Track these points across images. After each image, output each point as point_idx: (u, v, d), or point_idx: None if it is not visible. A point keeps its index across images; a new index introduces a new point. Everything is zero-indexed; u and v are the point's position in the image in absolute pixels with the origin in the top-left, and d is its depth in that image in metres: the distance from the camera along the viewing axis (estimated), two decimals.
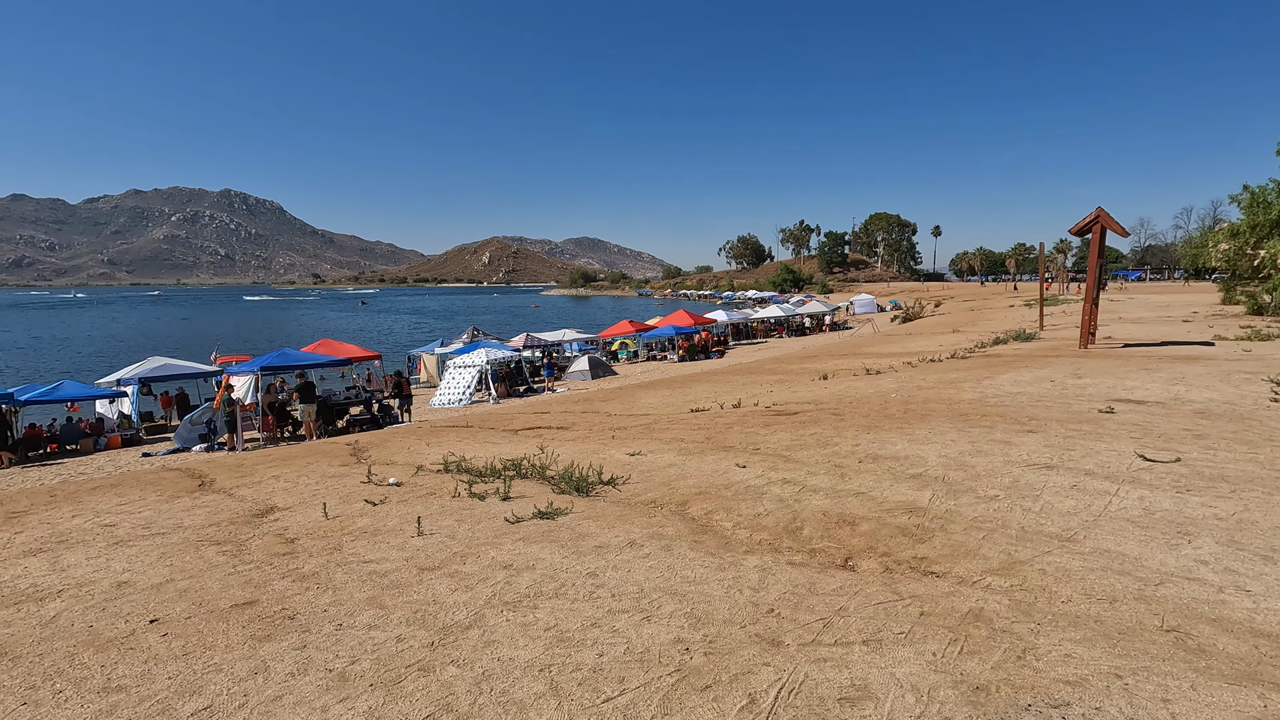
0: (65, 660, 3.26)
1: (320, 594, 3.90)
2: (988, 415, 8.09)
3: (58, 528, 5.97)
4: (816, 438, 7.52)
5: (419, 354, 31.99)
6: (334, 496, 6.41)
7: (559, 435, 9.60)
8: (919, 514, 4.66)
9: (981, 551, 3.95)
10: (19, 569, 4.78)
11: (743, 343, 41.85)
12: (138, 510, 6.47)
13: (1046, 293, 32.44)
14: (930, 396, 10.05)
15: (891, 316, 52.34)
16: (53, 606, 3.98)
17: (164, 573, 4.46)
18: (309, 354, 22.20)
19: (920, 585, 3.56)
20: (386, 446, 9.72)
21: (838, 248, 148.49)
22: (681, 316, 37.65)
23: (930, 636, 3.00)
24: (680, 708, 2.57)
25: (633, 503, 5.48)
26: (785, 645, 2.99)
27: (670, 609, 3.42)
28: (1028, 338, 20.46)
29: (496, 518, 5.21)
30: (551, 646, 3.10)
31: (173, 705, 2.80)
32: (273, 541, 5.04)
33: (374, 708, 2.68)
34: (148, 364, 22.24)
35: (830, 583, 3.66)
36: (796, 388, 13.57)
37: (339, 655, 3.13)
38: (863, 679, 2.68)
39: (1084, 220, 15.21)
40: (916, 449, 6.57)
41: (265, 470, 8.26)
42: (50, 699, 2.91)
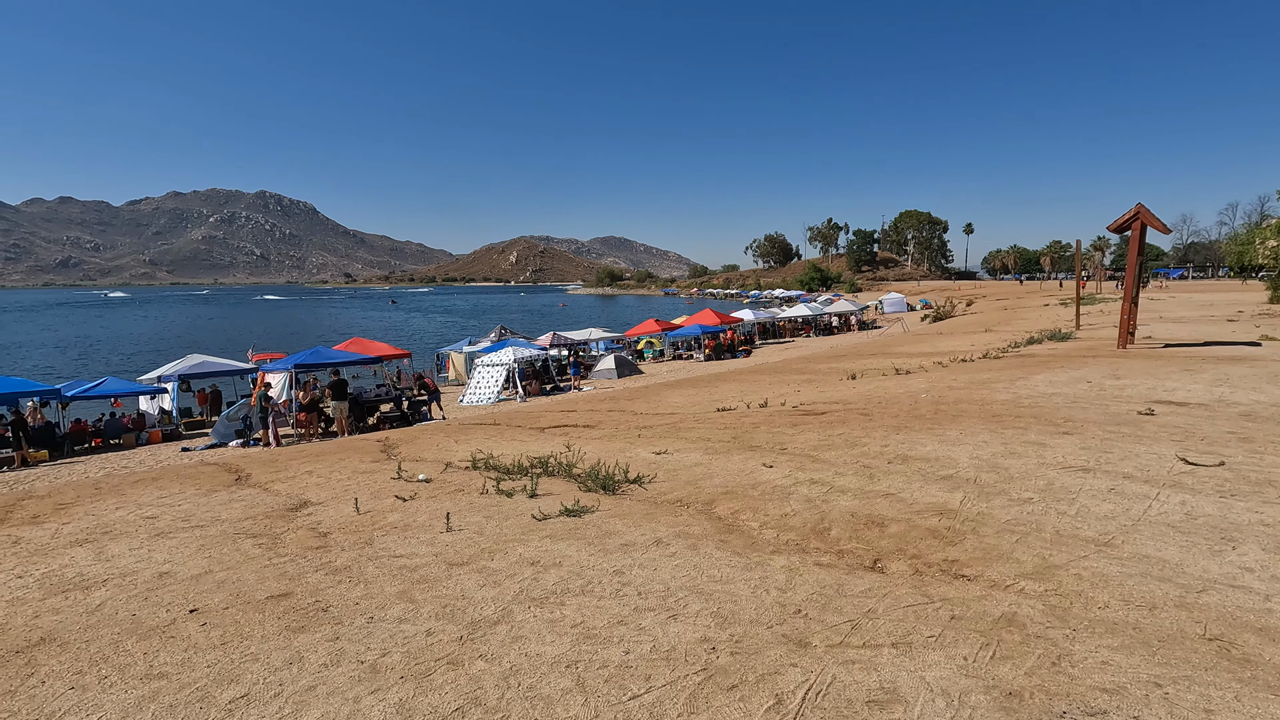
0: (110, 647, 3.37)
1: (352, 587, 3.97)
2: (1021, 416, 7.92)
3: (102, 519, 6.18)
4: (844, 438, 7.45)
5: (447, 352, 32.38)
6: (365, 492, 6.52)
7: (585, 434, 9.64)
8: (950, 516, 4.59)
9: (1015, 555, 3.87)
10: (67, 558, 4.96)
11: (769, 342, 41.59)
12: (177, 503, 6.66)
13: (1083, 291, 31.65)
14: (962, 397, 9.88)
15: (922, 316, 51.55)
16: (98, 595, 4.12)
17: (203, 564, 4.59)
18: (341, 352, 22.63)
19: (951, 588, 3.51)
20: (416, 443, 9.86)
21: (867, 246, 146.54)
22: (708, 315, 37.55)
23: (961, 640, 2.95)
24: (707, 707, 2.57)
25: (659, 501, 5.48)
26: (813, 646, 2.97)
27: (696, 608, 3.42)
28: (1063, 337, 19.98)
29: (524, 515, 5.25)
30: (578, 643, 3.12)
31: (212, 693, 2.88)
32: (306, 535, 5.15)
33: (404, 700, 2.73)
34: (187, 361, 22.88)
35: (858, 584, 3.62)
36: (824, 387, 13.45)
37: (370, 647, 3.19)
38: (892, 682, 2.65)
39: (1123, 217, 14.80)
40: (947, 450, 6.47)
41: (299, 466, 8.44)
42: (96, 684, 3.02)
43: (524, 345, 26.83)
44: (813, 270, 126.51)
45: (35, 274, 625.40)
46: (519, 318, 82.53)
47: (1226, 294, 43.66)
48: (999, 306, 51.22)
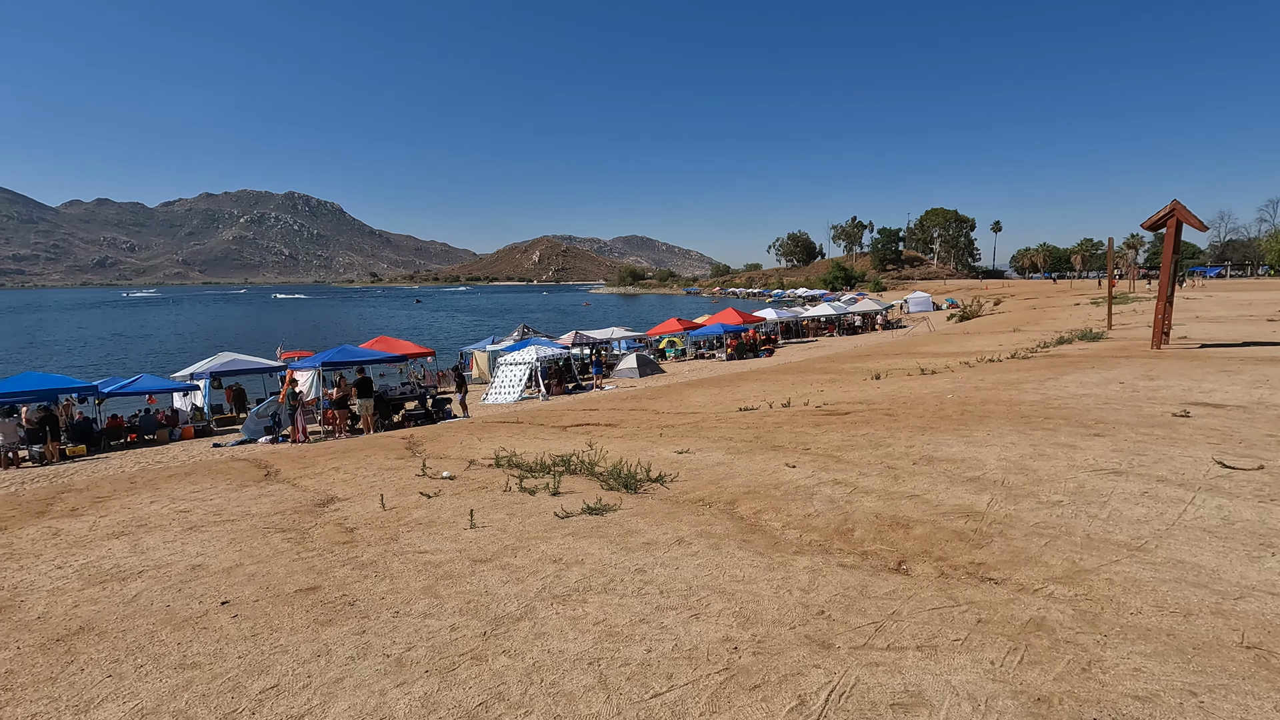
0: (146, 637, 3.46)
1: (378, 582, 4.03)
2: (1051, 418, 7.78)
3: (138, 512, 6.35)
4: (869, 438, 7.37)
5: (471, 351, 32.67)
6: (391, 488, 6.61)
7: (607, 432, 9.67)
8: (976, 518, 4.52)
9: (1043, 559, 3.81)
10: (104, 550, 5.10)
11: (792, 341, 41.31)
12: (209, 498, 6.81)
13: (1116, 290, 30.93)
14: (989, 397, 9.72)
15: (948, 315, 50.81)
16: (134, 586, 4.23)
17: (234, 557, 4.69)
18: (367, 350, 22.95)
19: (978, 591, 3.46)
20: (440, 441, 9.97)
21: (892, 244, 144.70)
22: (730, 315, 37.40)
23: (988, 644, 2.91)
24: (729, 706, 2.56)
25: (681, 501, 5.48)
26: (836, 648, 2.95)
27: (719, 607, 3.41)
28: (1095, 337, 19.56)
29: (546, 512, 5.29)
30: (600, 640, 3.13)
31: (243, 683, 2.94)
32: (333, 530, 5.24)
33: (429, 693, 2.76)
34: (218, 359, 23.38)
35: (883, 586, 3.58)
36: (848, 387, 13.32)
37: (396, 641, 3.24)
38: (916, 685, 2.62)
39: (1158, 214, 14.44)
40: (974, 451, 6.37)
41: (326, 462, 8.58)
42: (132, 672, 3.10)
43: (546, 344, 26.96)
44: (836, 269, 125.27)
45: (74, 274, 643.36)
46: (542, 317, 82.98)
47: (1266, 292, 42.35)
48: (1027, 306, 50.28)
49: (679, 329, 36.63)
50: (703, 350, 36.12)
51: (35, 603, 4.06)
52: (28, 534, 5.79)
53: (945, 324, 43.41)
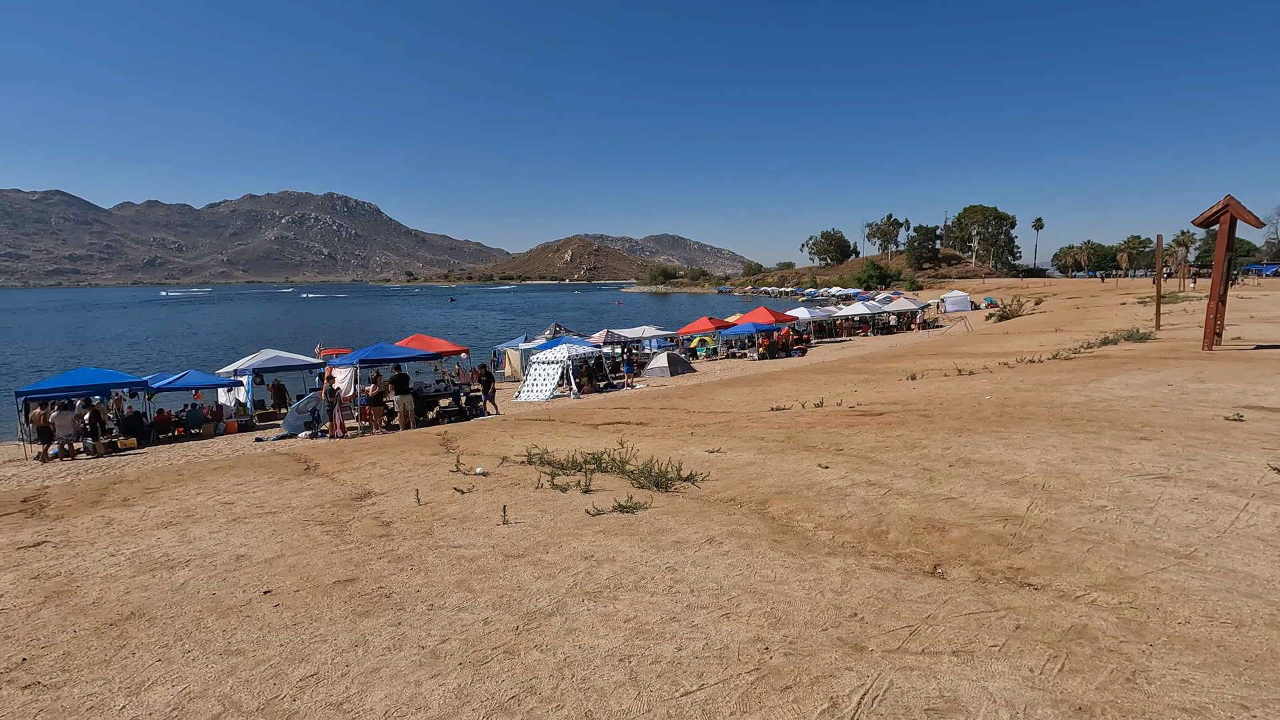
0: (193, 624, 3.59)
1: (413, 575, 4.11)
2: (1094, 420, 7.55)
3: (185, 504, 6.57)
4: (903, 439, 7.26)
5: (504, 349, 33.02)
6: (425, 484, 6.73)
7: (638, 431, 9.69)
8: (1015, 522, 4.42)
9: (1086, 565, 3.70)
10: (153, 539, 5.29)
11: (825, 341, 40.83)
12: (252, 490, 7.01)
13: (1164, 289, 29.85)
14: (1029, 399, 9.48)
15: (986, 314, 49.66)
16: (182, 575, 4.39)
17: (275, 548, 4.82)
18: (403, 348, 23.38)
19: (1016, 597, 3.38)
20: (473, 437, 10.10)
21: (928, 242, 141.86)
22: (762, 314, 37.13)
23: (1027, 651, 2.84)
24: (759, 706, 2.55)
25: (712, 500, 5.47)
26: (869, 651, 2.92)
27: (750, 607, 3.40)
28: (1142, 338, 18.93)
29: (578, 509, 5.32)
30: (631, 637, 3.14)
31: (284, 670, 3.03)
32: (370, 524, 5.36)
33: (463, 685, 2.81)
34: (260, 356, 24.05)
35: (918, 589, 3.53)
36: (882, 387, 13.12)
37: (430, 634, 3.30)
38: (952, 690, 2.58)
39: (1211, 210, 13.91)
40: (1013, 454, 6.22)
41: (363, 457, 8.77)
42: (180, 658, 3.21)
43: (578, 343, 27.11)
44: (871, 267, 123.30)
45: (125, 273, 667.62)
46: (573, 315, 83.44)
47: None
48: (1070, 305, 48.87)
49: (710, 328, 36.48)
50: (734, 349, 35.93)
51: (90, 588, 4.24)
52: (83, 522, 6.04)
53: (983, 324, 42.45)
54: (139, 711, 2.77)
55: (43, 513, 6.61)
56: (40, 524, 6.13)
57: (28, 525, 6.10)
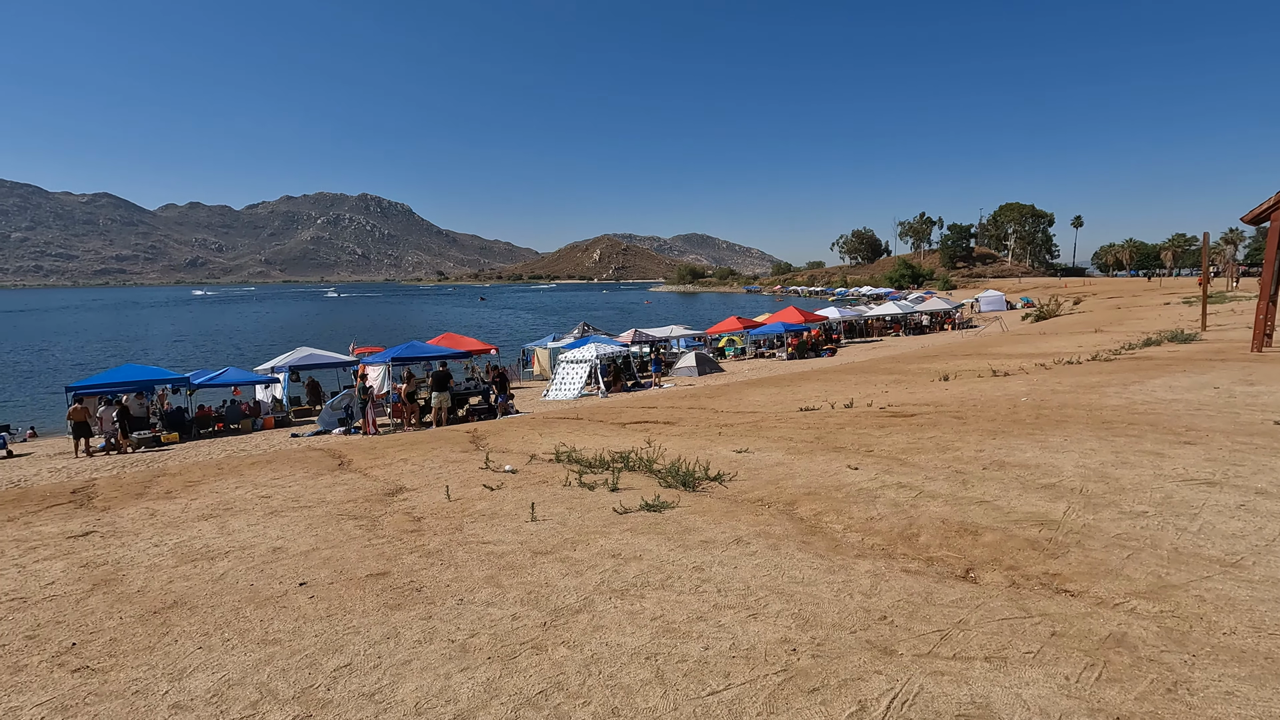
0: (232, 613, 3.70)
1: (443, 570, 4.17)
2: (1136, 423, 7.34)
3: (224, 497, 6.76)
4: (935, 441, 7.14)
5: (533, 348, 33.27)
6: (455, 480, 6.82)
7: (666, 430, 9.69)
8: (1051, 527, 4.32)
9: (1125, 572, 3.61)
10: (195, 531, 5.46)
11: (855, 341, 40.32)
12: (288, 485, 7.19)
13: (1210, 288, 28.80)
14: (1067, 401, 9.25)
15: (1023, 315, 48.53)
16: (221, 565, 4.52)
17: (310, 541, 4.94)
18: (434, 346, 23.71)
19: (1052, 603, 3.31)
20: (502, 435, 10.21)
21: (962, 241, 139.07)
22: (791, 313, 36.81)
23: (1063, 659, 2.78)
24: (786, 708, 2.54)
25: (739, 500, 5.45)
26: (899, 654, 2.88)
27: (777, 608, 3.38)
28: (1186, 339, 18.33)
29: (605, 507, 5.35)
30: (658, 636, 3.15)
31: (319, 660, 3.10)
32: (402, 519, 5.45)
33: (492, 679, 2.85)
34: (297, 353, 24.59)
35: (949, 593, 3.47)
36: (914, 388, 12.92)
37: (460, 628, 3.35)
38: (984, 697, 2.53)
39: (1262, 206, 13.40)
40: (1050, 457, 6.08)
41: (395, 454, 8.92)
42: (220, 645, 3.31)
43: (606, 342, 27.19)
44: (903, 266, 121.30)
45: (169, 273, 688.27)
46: (601, 315, 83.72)
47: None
48: (1111, 305, 47.51)
49: (739, 327, 36.27)
50: (763, 349, 35.68)
51: (135, 577, 4.39)
52: (128, 514, 6.26)
53: (1020, 324, 41.48)
54: (181, 697, 2.86)
55: (91, 504, 6.86)
56: (89, 514, 6.36)
57: (77, 515, 6.34)
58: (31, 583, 4.41)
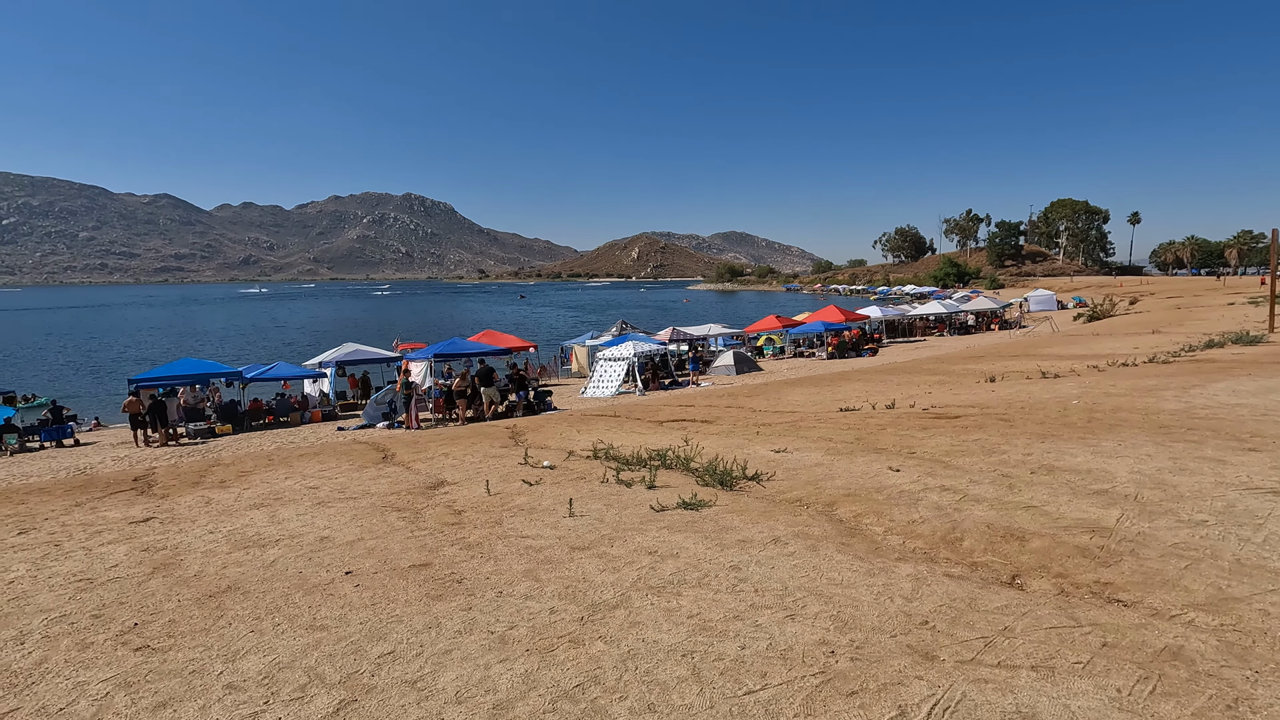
0: (282, 599, 3.83)
1: (483, 563, 4.25)
2: (1195, 429, 7.03)
3: (274, 487, 6.99)
4: (981, 444, 6.96)
5: (571, 345, 33.51)
6: (495, 475, 6.92)
7: (703, 429, 9.66)
8: (1103, 534, 4.18)
9: (1183, 583, 3.46)
10: (247, 519, 5.66)
11: (898, 341, 39.52)
12: (334, 476, 7.40)
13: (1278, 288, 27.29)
14: (1121, 404, 8.91)
15: (1074, 315, 46.88)
16: (272, 553, 4.68)
17: (356, 532, 5.08)
18: (475, 343, 24.09)
19: (1103, 613, 3.20)
20: (541, 432, 10.32)
21: (1011, 239, 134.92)
22: (831, 312, 36.27)
23: (1114, 670, 2.69)
24: (825, 710, 2.51)
25: (777, 500, 5.40)
26: (940, 660, 2.82)
27: (815, 609, 3.35)
28: (1252, 341, 17.46)
29: (642, 505, 5.36)
30: (694, 634, 3.15)
31: (364, 647, 3.19)
32: (443, 512, 5.56)
33: (530, 671, 2.89)
34: (343, 349, 25.27)
35: (994, 600, 3.39)
36: (958, 390, 12.61)
37: (499, 620, 3.41)
38: (1030, 707, 2.47)
39: None
40: (1102, 462, 5.87)
41: (437, 448, 9.10)
42: (271, 629, 3.44)
43: (644, 340, 27.22)
44: (948, 265, 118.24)
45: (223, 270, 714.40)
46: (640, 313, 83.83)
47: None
48: (1170, 305, 45.53)
49: (778, 326, 35.89)
50: (802, 349, 35.26)
51: (192, 562, 4.58)
52: (185, 501, 6.53)
53: (1071, 324, 40.10)
54: (235, 678, 2.98)
55: (151, 491, 7.18)
56: (149, 501, 6.66)
57: (138, 502, 6.65)
58: (97, 565, 4.64)
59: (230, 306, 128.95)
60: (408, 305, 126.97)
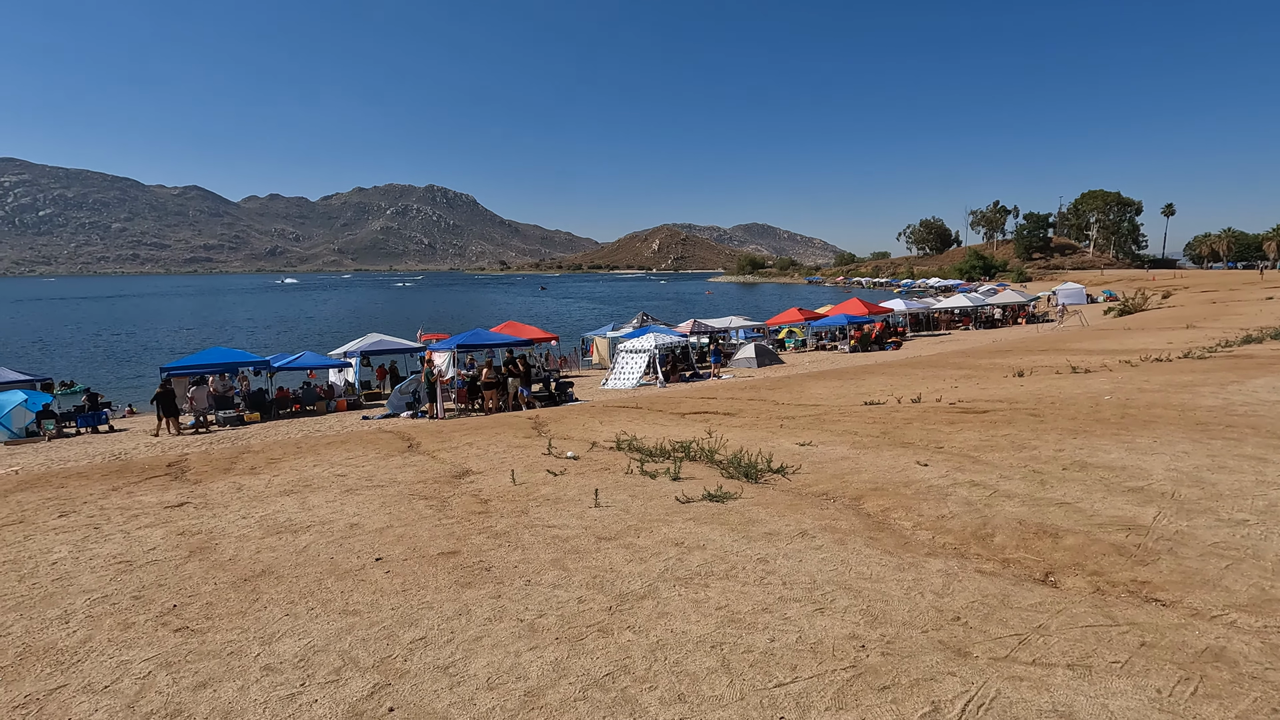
0: (314, 584, 3.89)
1: (511, 551, 4.28)
2: (1235, 426, 6.86)
3: (304, 474, 7.11)
4: (1010, 439, 6.85)
5: (592, 337, 33.57)
6: (519, 465, 6.97)
7: (726, 421, 9.63)
8: (1140, 532, 4.09)
9: (1224, 583, 3.38)
10: (278, 505, 5.77)
11: (922, 334, 39.03)
12: (361, 465, 7.50)
13: None
14: (1155, 400, 8.72)
15: (1105, 309, 45.91)
16: (303, 539, 4.76)
17: (384, 519, 5.15)
18: (497, 334, 24.24)
19: (1141, 612, 3.14)
20: (563, 422, 10.36)
21: (1039, 231, 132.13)
22: (854, 305, 35.91)
23: (1153, 670, 2.64)
24: (856, 705, 2.50)
25: (803, 493, 5.37)
26: (973, 657, 2.79)
27: (844, 603, 3.33)
28: None
29: (667, 496, 5.37)
30: (723, 625, 3.15)
31: (395, 632, 3.24)
32: (470, 501, 5.61)
33: (560, 660, 2.91)
34: (367, 339, 25.58)
35: (1027, 597, 3.34)
36: (986, 384, 12.42)
37: (528, 608, 3.43)
38: (1067, 706, 2.43)
39: None
40: (1137, 459, 5.75)
41: (461, 437, 9.18)
42: (305, 613, 3.50)
43: (665, 332, 27.17)
44: (974, 257, 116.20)
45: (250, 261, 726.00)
46: (660, 305, 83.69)
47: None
48: (1205, 299, 44.36)
49: (800, 319, 35.63)
50: (824, 342, 34.96)
51: (226, 546, 4.68)
52: (218, 487, 6.66)
53: (1101, 318, 39.27)
54: (271, 660, 3.04)
55: (184, 477, 7.34)
56: (183, 487, 6.81)
57: (172, 487, 6.80)
58: (135, 548, 4.76)
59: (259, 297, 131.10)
60: (430, 297, 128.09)
